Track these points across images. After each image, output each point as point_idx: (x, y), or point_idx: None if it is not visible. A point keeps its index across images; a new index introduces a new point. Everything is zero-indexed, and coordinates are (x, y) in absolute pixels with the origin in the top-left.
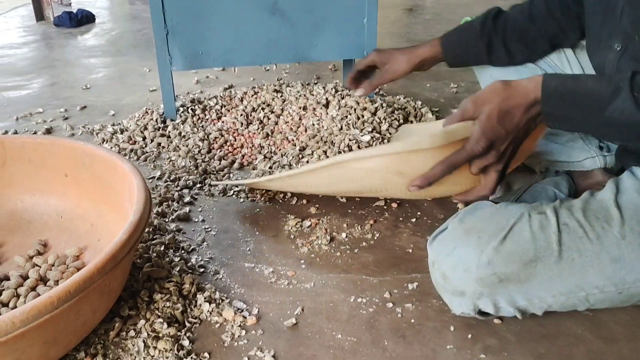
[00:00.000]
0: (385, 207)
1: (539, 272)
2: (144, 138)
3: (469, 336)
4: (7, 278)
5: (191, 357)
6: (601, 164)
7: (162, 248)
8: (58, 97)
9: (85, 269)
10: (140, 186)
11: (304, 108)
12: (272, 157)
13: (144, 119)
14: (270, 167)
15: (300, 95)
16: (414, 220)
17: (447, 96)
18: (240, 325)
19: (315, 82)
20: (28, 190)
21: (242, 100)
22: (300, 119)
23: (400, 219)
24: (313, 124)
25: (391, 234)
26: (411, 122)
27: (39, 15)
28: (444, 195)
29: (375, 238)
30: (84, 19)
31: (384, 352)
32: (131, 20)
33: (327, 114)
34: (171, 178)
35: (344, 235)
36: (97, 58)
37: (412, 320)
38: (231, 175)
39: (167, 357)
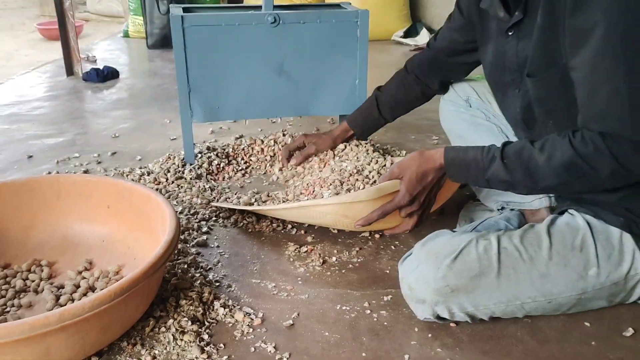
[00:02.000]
0: (369, 237)
1: (483, 285)
2: (167, 179)
3: (430, 335)
4: (63, 287)
5: (210, 346)
6: (547, 204)
7: (185, 266)
8: (91, 144)
9: (133, 272)
10: (172, 214)
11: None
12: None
13: (167, 163)
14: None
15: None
16: (393, 248)
17: (428, 146)
18: (248, 325)
19: (315, 132)
20: (77, 219)
21: (251, 147)
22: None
23: (382, 247)
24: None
25: (373, 258)
26: None
27: (69, 70)
28: (377, 229)
29: (360, 261)
30: (109, 75)
31: (361, 345)
32: (151, 76)
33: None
34: (191, 212)
35: (334, 259)
36: (122, 110)
37: (385, 323)
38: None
39: (191, 346)
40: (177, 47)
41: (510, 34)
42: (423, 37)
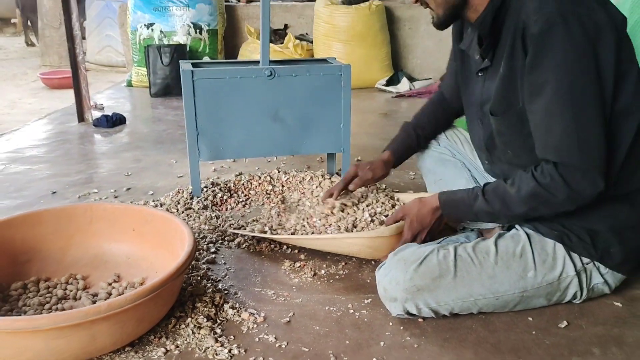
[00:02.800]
0: None
1: (442, 285)
2: (177, 210)
3: (401, 328)
4: (97, 295)
5: (222, 338)
6: (499, 225)
7: (199, 278)
8: (107, 181)
9: (161, 276)
10: (189, 233)
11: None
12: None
13: (176, 196)
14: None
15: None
16: (373, 262)
17: (407, 181)
18: (253, 322)
19: (306, 170)
20: (106, 240)
21: (250, 182)
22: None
23: (364, 262)
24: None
25: (357, 271)
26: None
27: (80, 117)
28: None
29: (345, 273)
30: (117, 121)
31: (346, 336)
32: (156, 122)
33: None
34: (200, 236)
35: (323, 271)
36: (131, 152)
37: (365, 320)
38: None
39: (207, 338)
40: (187, 96)
41: (480, 75)
42: (404, 85)
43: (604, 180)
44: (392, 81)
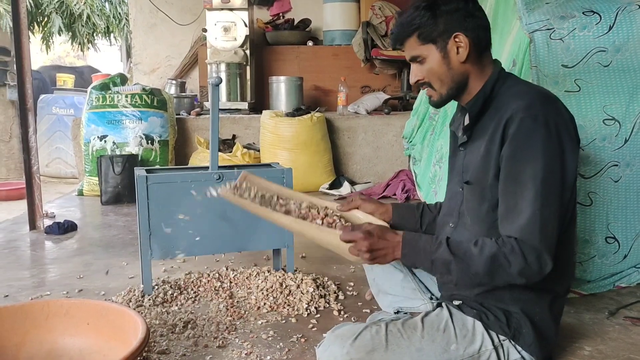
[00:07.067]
0: (296, 342)
1: (376, 358)
2: (129, 307)
3: None
4: None
5: None
6: (431, 307)
7: None
8: (60, 284)
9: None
10: (143, 322)
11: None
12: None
13: (128, 294)
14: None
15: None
16: (313, 349)
17: (347, 274)
18: None
19: (253, 266)
20: (61, 335)
21: (199, 280)
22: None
23: (305, 348)
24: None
25: (299, 356)
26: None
27: (32, 225)
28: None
29: (290, 357)
30: (69, 228)
31: None
32: (107, 228)
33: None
34: (151, 330)
35: (269, 357)
36: (83, 256)
37: None
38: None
39: None
40: (142, 199)
41: (461, 149)
42: (345, 188)
43: (552, 263)
44: (335, 185)
